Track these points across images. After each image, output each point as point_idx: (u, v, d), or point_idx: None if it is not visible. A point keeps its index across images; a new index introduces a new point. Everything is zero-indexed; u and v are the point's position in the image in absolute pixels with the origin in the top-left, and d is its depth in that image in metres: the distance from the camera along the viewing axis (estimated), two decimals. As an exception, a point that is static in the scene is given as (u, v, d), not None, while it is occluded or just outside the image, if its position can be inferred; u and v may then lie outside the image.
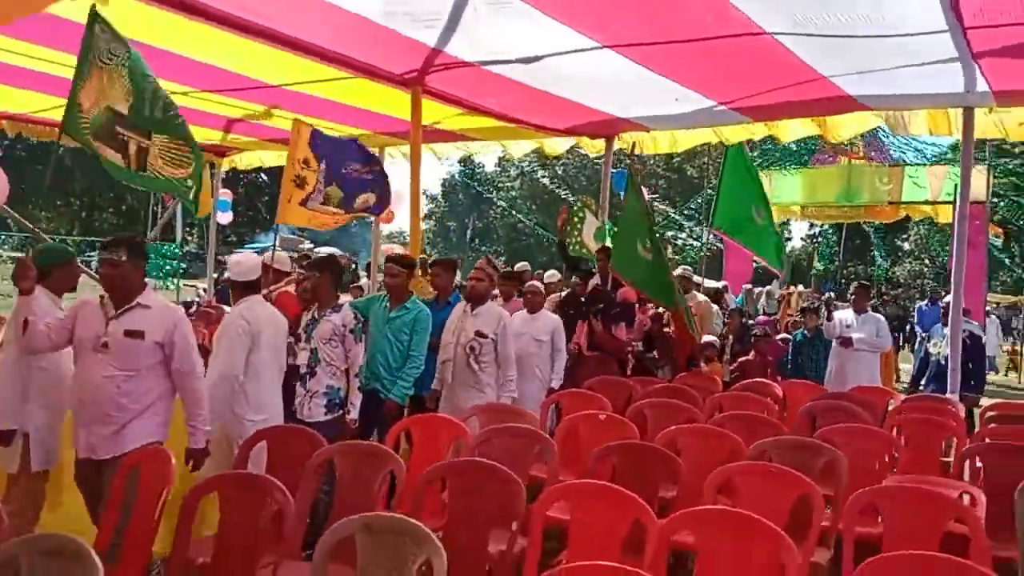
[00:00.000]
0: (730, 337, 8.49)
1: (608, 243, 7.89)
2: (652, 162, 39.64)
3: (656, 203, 24.54)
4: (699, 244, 16.99)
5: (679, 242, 30.17)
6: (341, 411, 4.70)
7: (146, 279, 3.89)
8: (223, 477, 3.59)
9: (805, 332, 8.50)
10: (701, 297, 8.82)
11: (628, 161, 7.37)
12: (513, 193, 48.07)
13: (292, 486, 3.41)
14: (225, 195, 13.65)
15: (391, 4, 4.64)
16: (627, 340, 6.99)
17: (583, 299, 7.11)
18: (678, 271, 9.00)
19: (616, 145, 8.66)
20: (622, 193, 10.49)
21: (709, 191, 8.43)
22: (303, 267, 5.43)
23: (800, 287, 37.43)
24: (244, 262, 4.58)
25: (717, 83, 6.17)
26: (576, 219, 8.37)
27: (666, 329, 7.52)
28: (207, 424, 3.86)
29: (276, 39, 5.30)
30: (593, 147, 8.82)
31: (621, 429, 4.80)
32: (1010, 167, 24.15)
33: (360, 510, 2.98)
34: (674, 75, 5.89)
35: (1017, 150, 23.73)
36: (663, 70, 5.76)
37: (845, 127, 6.93)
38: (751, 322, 9.29)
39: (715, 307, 9.19)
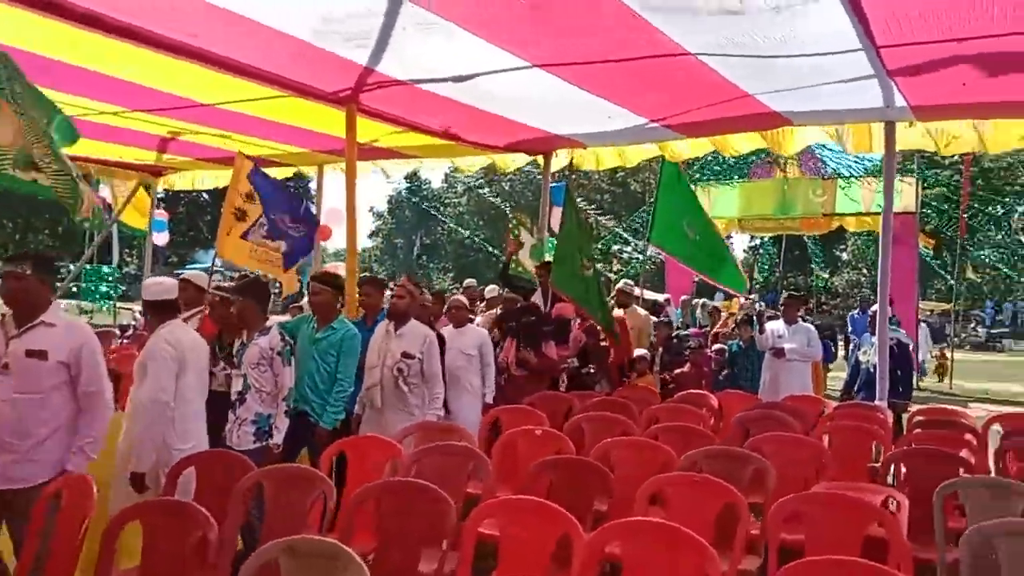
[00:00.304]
0: (659, 349, 8.58)
1: (549, 258, 7.93)
2: (597, 177, 40.13)
3: (600, 217, 24.78)
4: (643, 257, 17.19)
5: (624, 255, 30.51)
6: (269, 439, 4.60)
7: (55, 298, 3.75)
8: (147, 505, 3.52)
9: (740, 343, 8.67)
10: (640, 311, 8.93)
11: (568, 175, 7.36)
12: (460, 209, 48.14)
13: (222, 513, 3.36)
14: (161, 215, 13.39)
15: (321, 24, 4.65)
16: (559, 358, 6.93)
17: (518, 313, 7.04)
18: (619, 284, 9.11)
19: (562, 161, 8.75)
20: (560, 207, 10.60)
21: (653, 204, 8.43)
22: (224, 289, 5.29)
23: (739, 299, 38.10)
24: (160, 283, 4.41)
25: (646, 102, 6.31)
26: (512, 236, 8.42)
27: (603, 343, 7.55)
28: (95, 451, 3.69)
29: (206, 59, 5.25)
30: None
31: (558, 444, 4.84)
32: (939, 178, 25.07)
33: (289, 534, 2.95)
34: (603, 94, 6.00)
35: (947, 161, 24.64)
36: (592, 89, 5.87)
37: (790, 141, 7.09)
38: (686, 333, 9.41)
39: (653, 319, 9.30)
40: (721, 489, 3.68)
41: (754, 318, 8.23)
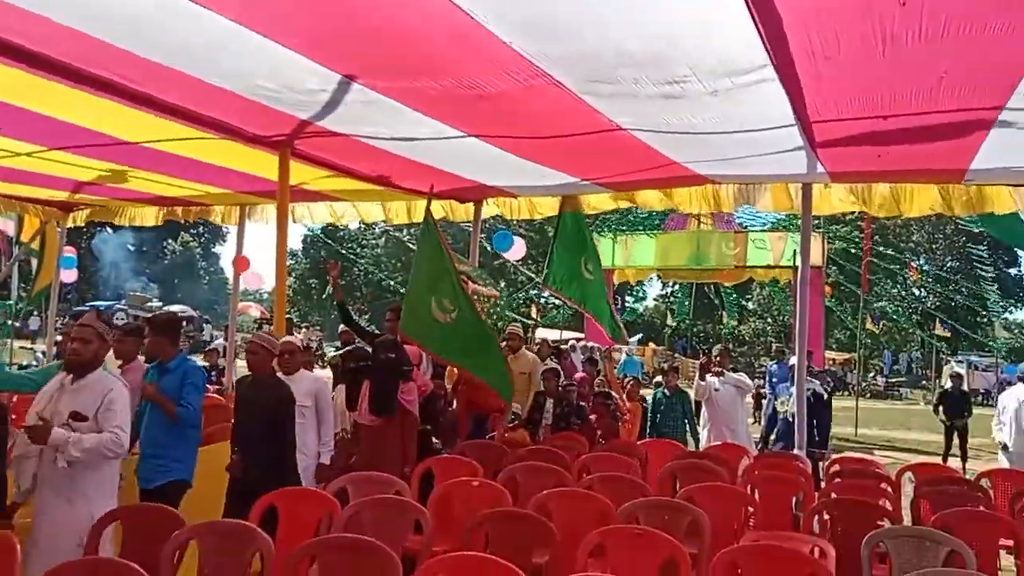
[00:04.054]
0: (548, 400, 7.77)
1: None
2: (515, 223, 40.53)
3: (519, 264, 25.02)
4: (560, 302, 17.47)
5: (543, 300, 30.83)
6: None
7: None
8: (71, 566, 3.31)
9: (665, 391, 8.84)
10: (529, 355, 8.69)
11: (430, 219, 6.60)
12: (378, 251, 47.74)
13: (152, 568, 3.19)
14: (69, 252, 12.80)
15: (256, 89, 4.61)
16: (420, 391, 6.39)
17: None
18: (510, 328, 9.02)
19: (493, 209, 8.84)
20: (503, 254, 10.64)
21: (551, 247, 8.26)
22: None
23: (652, 345, 39.03)
24: None
25: (579, 166, 6.55)
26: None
27: (451, 407, 7.08)
28: None
29: (134, 98, 5.08)
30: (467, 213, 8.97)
31: (494, 495, 4.81)
32: (840, 234, 26.47)
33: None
34: (537, 159, 6.20)
35: (847, 218, 26.03)
36: (527, 156, 6.07)
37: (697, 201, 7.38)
38: (573, 379, 8.59)
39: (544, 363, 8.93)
40: (662, 542, 3.73)
41: (683, 367, 8.41)
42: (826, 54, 3.49)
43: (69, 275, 13.48)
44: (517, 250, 11.27)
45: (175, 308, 37.33)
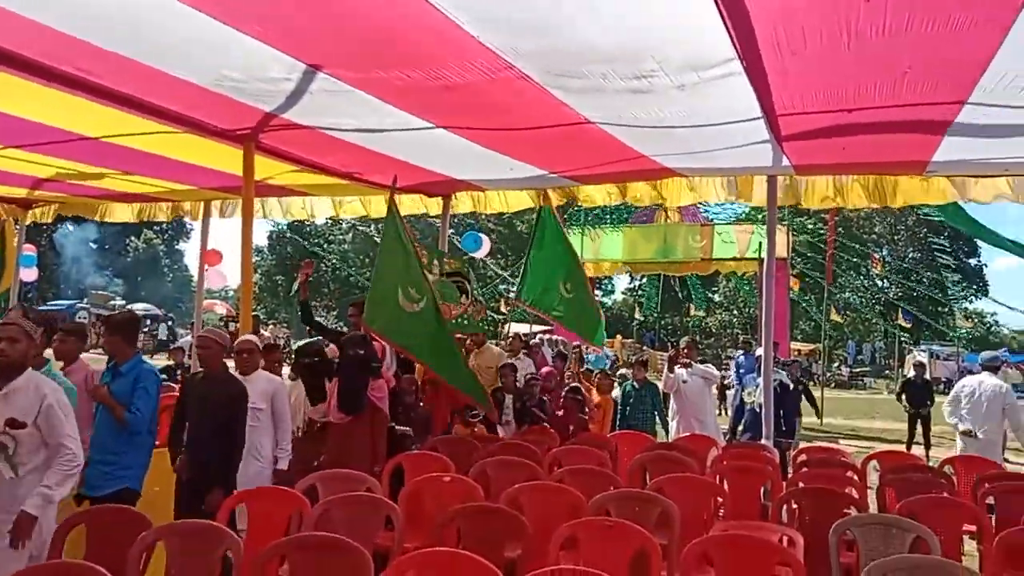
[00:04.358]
0: (507, 396, 7.68)
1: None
2: (484, 217, 40.46)
3: (487, 259, 24.97)
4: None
5: (512, 295, 30.90)
6: None
7: None
8: (38, 570, 3.24)
9: (634, 383, 8.88)
10: (495, 349, 8.68)
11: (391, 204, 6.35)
12: (345, 246, 47.38)
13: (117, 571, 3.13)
14: (29, 250, 12.52)
15: (222, 80, 4.53)
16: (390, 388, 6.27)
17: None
18: None
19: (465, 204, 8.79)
20: (472, 253, 10.59)
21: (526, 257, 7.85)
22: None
23: (619, 337, 39.29)
24: None
25: (548, 158, 6.55)
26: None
27: (421, 404, 6.97)
28: None
29: (95, 92, 4.96)
30: (435, 205, 8.92)
31: (466, 490, 4.80)
32: (804, 227, 26.80)
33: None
34: (506, 151, 6.18)
35: (811, 211, 26.36)
36: (496, 148, 6.05)
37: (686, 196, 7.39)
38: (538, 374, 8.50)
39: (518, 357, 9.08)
40: (633, 533, 3.75)
41: (651, 359, 8.46)
42: (792, 49, 3.53)
43: (29, 274, 13.20)
44: (484, 249, 11.17)
45: (139, 306, 36.82)
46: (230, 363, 5.38)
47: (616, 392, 9.36)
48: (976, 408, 8.05)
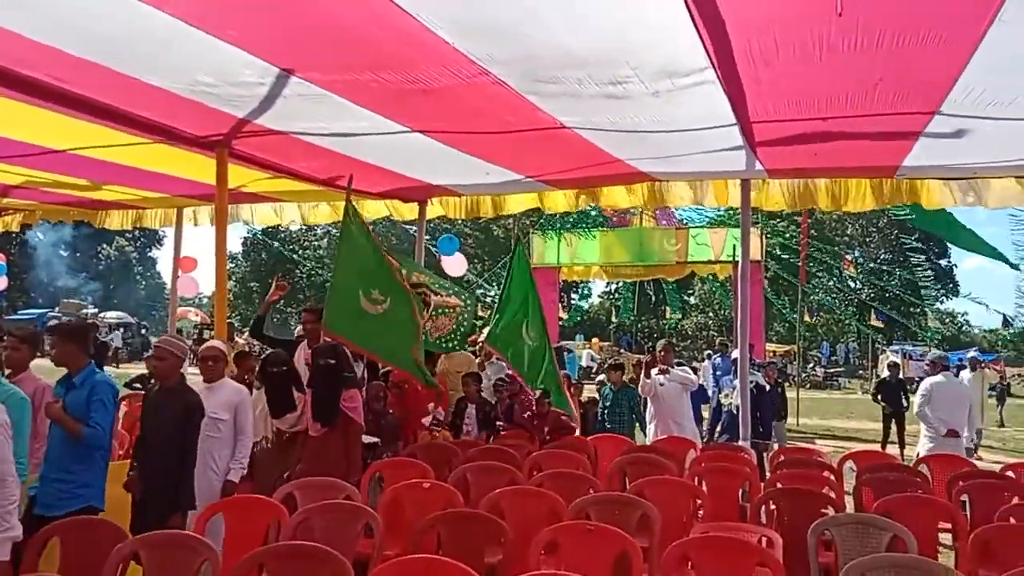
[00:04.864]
0: (470, 406, 7.54)
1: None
2: (460, 222, 40.46)
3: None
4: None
5: (489, 299, 30.85)
6: None
7: None
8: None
9: (612, 387, 8.90)
10: (466, 354, 8.61)
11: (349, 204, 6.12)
12: (320, 252, 47.07)
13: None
14: (-1, 259, 12.34)
15: (195, 85, 4.49)
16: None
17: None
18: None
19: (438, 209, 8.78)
20: (443, 256, 10.50)
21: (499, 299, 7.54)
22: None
23: (596, 340, 39.35)
24: None
25: (523, 162, 6.57)
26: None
27: (391, 412, 6.82)
28: None
29: (65, 100, 4.87)
30: (409, 211, 8.90)
31: (445, 496, 4.78)
32: (777, 229, 27.07)
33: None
34: (482, 155, 6.20)
35: (784, 213, 26.64)
36: (471, 151, 6.06)
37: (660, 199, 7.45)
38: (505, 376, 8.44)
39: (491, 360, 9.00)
40: (614, 536, 3.76)
41: (628, 363, 8.48)
42: (766, 59, 3.57)
43: (0, 283, 13.00)
44: (459, 262, 10.81)
45: (112, 315, 36.33)
46: (195, 372, 5.21)
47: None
48: (933, 406, 8.04)
